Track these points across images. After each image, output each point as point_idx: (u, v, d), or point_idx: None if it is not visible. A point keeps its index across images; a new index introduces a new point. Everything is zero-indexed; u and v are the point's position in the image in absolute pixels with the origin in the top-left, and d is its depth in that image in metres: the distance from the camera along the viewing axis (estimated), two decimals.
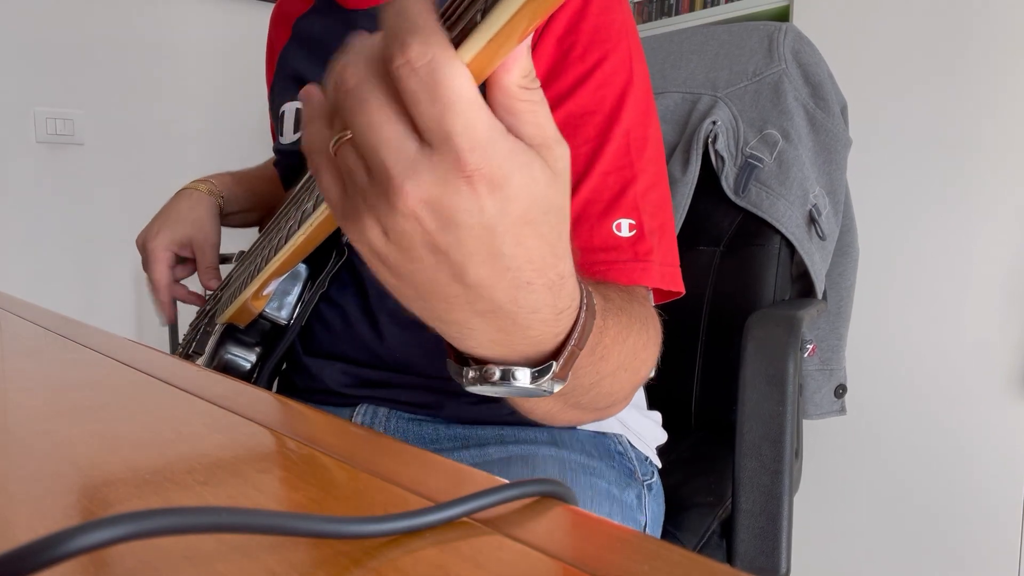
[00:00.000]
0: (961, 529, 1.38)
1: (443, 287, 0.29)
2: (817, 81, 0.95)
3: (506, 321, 0.31)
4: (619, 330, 0.42)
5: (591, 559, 0.21)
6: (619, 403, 0.50)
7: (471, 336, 0.32)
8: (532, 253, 0.29)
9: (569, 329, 0.34)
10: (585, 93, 0.54)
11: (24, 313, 0.62)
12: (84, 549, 0.16)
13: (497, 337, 0.32)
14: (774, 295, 0.93)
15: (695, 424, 0.96)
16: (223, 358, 0.63)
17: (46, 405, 0.35)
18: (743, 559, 0.65)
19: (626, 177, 0.54)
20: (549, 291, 0.31)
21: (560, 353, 0.34)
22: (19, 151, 1.68)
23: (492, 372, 0.34)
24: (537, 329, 0.32)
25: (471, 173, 0.25)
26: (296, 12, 0.75)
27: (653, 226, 0.54)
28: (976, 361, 1.35)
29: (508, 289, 0.29)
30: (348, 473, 0.27)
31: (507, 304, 0.30)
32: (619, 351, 0.43)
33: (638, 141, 0.55)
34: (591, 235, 0.53)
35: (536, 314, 0.31)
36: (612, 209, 0.53)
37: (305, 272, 0.64)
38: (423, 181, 0.26)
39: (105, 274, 1.82)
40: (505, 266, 0.28)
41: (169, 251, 0.75)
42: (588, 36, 0.55)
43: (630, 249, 0.53)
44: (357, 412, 0.65)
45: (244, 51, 1.95)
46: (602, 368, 0.42)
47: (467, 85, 0.24)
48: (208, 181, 0.82)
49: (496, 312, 0.30)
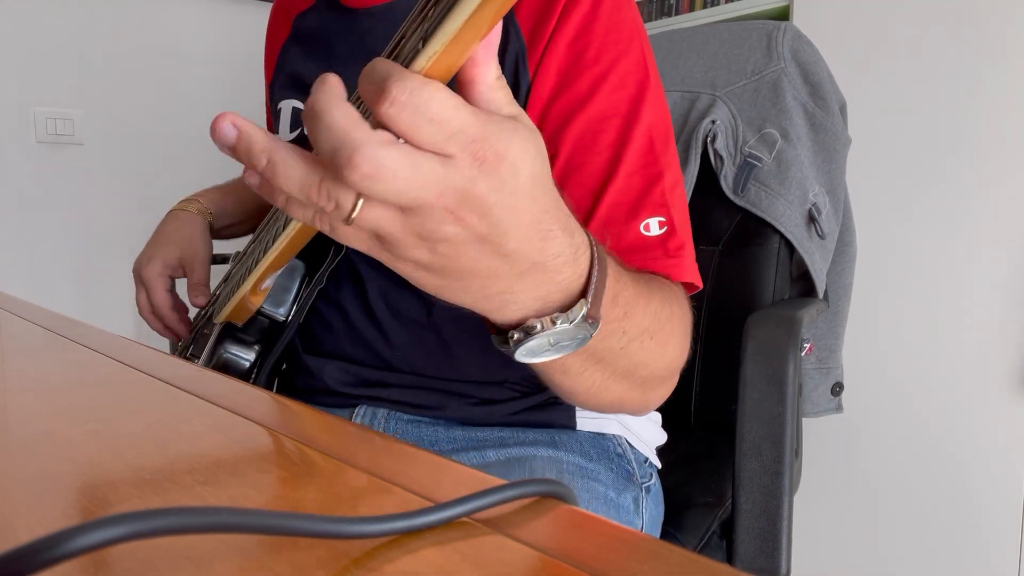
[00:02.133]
0: (961, 529, 1.38)
1: (487, 265, 0.32)
2: (816, 80, 0.95)
3: (540, 273, 0.34)
4: (638, 288, 0.45)
5: (591, 559, 0.21)
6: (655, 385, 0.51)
7: (513, 300, 0.35)
8: (546, 203, 0.33)
9: (588, 266, 0.37)
10: (601, 98, 0.54)
11: (23, 313, 0.62)
12: (84, 549, 0.16)
13: (536, 292, 0.35)
14: (774, 295, 0.93)
15: (695, 424, 0.96)
16: (222, 356, 0.63)
17: (46, 405, 0.35)
18: (743, 559, 0.65)
19: (652, 174, 0.54)
20: (565, 232, 0.34)
21: (587, 291, 0.37)
22: (19, 151, 1.68)
23: (534, 325, 0.37)
24: (564, 272, 0.35)
25: (482, 158, 0.28)
26: (297, 8, 0.75)
27: (681, 220, 0.54)
28: (976, 361, 1.35)
29: (537, 242, 0.33)
30: (348, 473, 0.27)
31: (538, 256, 0.33)
32: (643, 310, 0.45)
33: (661, 137, 0.55)
34: (619, 239, 0.53)
35: (560, 257, 0.35)
36: (639, 209, 0.53)
37: (303, 268, 0.64)
38: (457, 187, 0.28)
39: (105, 274, 1.81)
40: (530, 222, 0.32)
41: (164, 276, 0.75)
42: (600, 39, 0.55)
43: (660, 247, 0.53)
44: (356, 414, 0.65)
45: (244, 51, 1.95)
46: (627, 326, 0.44)
47: (446, 96, 0.27)
48: (195, 200, 0.82)
49: (532, 268, 0.34)
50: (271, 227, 0.51)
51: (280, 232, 0.47)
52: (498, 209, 0.30)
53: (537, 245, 0.33)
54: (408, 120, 0.27)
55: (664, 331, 0.47)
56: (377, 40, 0.64)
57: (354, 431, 0.33)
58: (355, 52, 0.66)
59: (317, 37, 0.71)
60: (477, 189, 0.29)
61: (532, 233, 0.32)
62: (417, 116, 0.27)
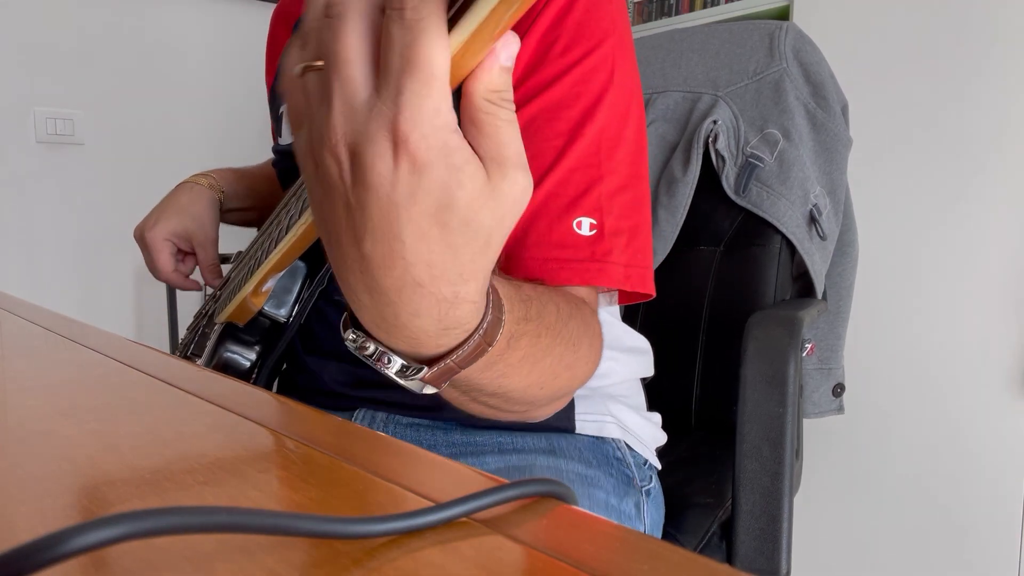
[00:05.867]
0: (961, 529, 1.38)
1: (344, 245, 0.29)
2: (818, 80, 0.95)
3: (387, 310, 0.30)
4: (532, 351, 0.41)
5: (591, 559, 0.21)
6: (541, 407, 0.49)
7: (359, 307, 0.32)
8: (433, 256, 0.28)
9: (451, 348, 0.34)
10: (562, 87, 0.54)
11: (23, 313, 0.62)
12: (84, 549, 0.16)
13: (377, 320, 0.32)
14: (774, 295, 0.93)
15: (695, 424, 0.96)
16: (223, 356, 0.63)
17: (46, 405, 0.35)
18: (743, 560, 0.65)
19: (592, 176, 0.53)
20: (437, 304, 0.30)
21: (435, 363, 0.34)
22: (19, 151, 1.68)
23: (367, 347, 0.34)
24: (414, 333, 0.32)
25: (399, 141, 0.25)
26: (297, 12, 0.75)
27: (620, 227, 0.53)
28: (976, 361, 1.35)
29: (396, 279, 0.29)
30: (348, 473, 0.27)
31: (391, 293, 0.29)
32: (528, 371, 0.42)
33: (609, 141, 0.54)
34: (549, 230, 0.52)
35: (417, 318, 0.31)
36: (574, 207, 0.52)
37: (304, 269, 0.64)
38: (355, 123, 0.26)
39: (105, 274, 1.82)
40: (400, 254, 0.28)
41: (169, 241, 0.74)
42: (571, 32, 0.54)
43: (587, 248, 0.52)
44: (355, 416, 0.65)
45: (244, 51, 1.95)
46: (505, 384, 0.41)
47: (440, 60, 0.25)
48: (209, 175, 0.82)
49: (380, 296, 0.30)
50: (273, 229, 0.51)
51: (283, 235, 0.47)
52: (372, 195, 0.27)
53: (395, 282, 0.29)
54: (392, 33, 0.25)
55: (559, 379, 0.45)
56: None
57: (354, 431, 0.33)
58: None
59: None
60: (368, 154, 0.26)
61: (395, 263, 0.28)
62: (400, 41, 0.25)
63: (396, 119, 0.25)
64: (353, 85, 0.26)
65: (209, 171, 0.83)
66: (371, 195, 0.27)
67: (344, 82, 0.26)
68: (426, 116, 0.25)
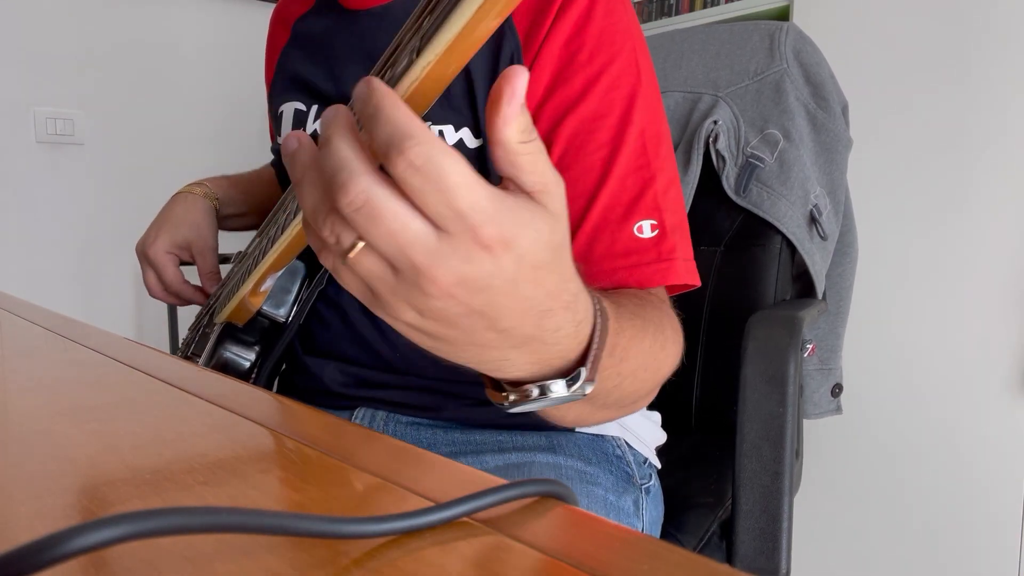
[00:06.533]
0: (961, 529, 1.38)
1: (479, 337, 0.32)
2: (819, 81, 0.95)
3: (537, 345, 0.34)
4: (634, 332, 0.44)
5: (591, 559, 0.21)
6: (643, 399, 0.51)
7: (509, 366, 0.35)
8: (548, 287, 0.31)
9: (589, 336, 0.37)
10: (594, 98, 0.55)
11: (23, 313, 0.62)
12: (84, 549, 0.16)
13: (531, 359, 0.35)
14: (775, 295, 0.93)
15: (695, 424, 0.96)
16: (222, 356, 0.63)
17: (46, 405, 0.35)
18: (743, 559, 0.65)
19: (645, 177, 0.54)
20: (567, 310, 0.34)
21: (586, 358, 0.37)
22: (19, 151, 1.68)
23: (530, 391, 0.37)
24: (563, 344, 0.35)
25: (488, 243, 0.27)
26: (296, 13, 0.75)
27: (674, 223, 0.55)
28: (976, 361, 1.35)
29: (534, 320, 0.32)
30: (348, 473, 0.27)
31: (535, 332, 0.33)
32: (637, 352, 0.44)
33: (653, 139, 0.55)
34: (612, 241, 0.53)
35: (560, 331, 0.34)
36: (633, 212, 0.53)
37: (303, 269, 0.64)
38: (452, 265, 0.28)
39: (105, 274, 1.81)
40: (529, 305, 0.31)
41: (171, 254, 0.75)
42: (594, 40, 0.55)
43: (653, 250, 0.53)
44: (355, 416, 0.65)
45: (244, 52, 1.95)
46: (623, 369, 0.43)
47: (463, 169, 0.26)
48: (203, 184, 0.82)
49: (528, 342, 0.33)
50: (271, 229, 0.51)
51: (279, 234, 0.47)
52: (494, 291, 0.29)
53: (534, 323, 0.32)
54: (419, 185, 0.26)
55: (657, 360, 0.47)
56: (376, 40, 0.64)
57: (354, 431, 0.33)
58: (354, 52, 0.66)
59: (317, 39, 0.71)
60: (473, 271, 0.28)
61: (529, 313, 0.32)
62: (428, 183, 0.26)
63: (475, 233, 0.27)
64: (421, 240, 0.27)
65: (202, 180, 0.83)
66: (493, 292, 0.29)
67: (411, 245, 0.27)
68: (488, 211, 0.27)
